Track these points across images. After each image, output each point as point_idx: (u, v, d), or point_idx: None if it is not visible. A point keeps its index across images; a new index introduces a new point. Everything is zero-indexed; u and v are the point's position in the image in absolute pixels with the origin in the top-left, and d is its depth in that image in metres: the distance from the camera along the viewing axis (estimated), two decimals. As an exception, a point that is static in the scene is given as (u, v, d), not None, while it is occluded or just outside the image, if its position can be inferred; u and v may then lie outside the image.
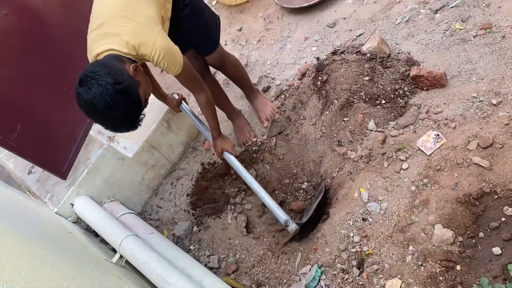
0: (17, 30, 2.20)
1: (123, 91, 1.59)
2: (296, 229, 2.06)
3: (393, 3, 2.65)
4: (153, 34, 1.72)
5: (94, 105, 1.55)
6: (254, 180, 2.21)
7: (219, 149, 2.29)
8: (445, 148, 1.89)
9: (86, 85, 1.56)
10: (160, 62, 1.76)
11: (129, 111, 1.63)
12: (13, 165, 2.85)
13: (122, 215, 2.37)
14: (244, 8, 3.52)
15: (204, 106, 2.13)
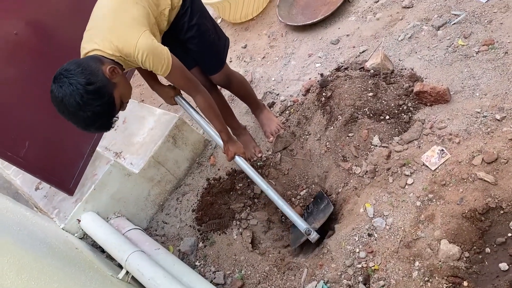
0: (27, 49, 2.24)
1: (94, 92, 1.58)
2: (318, 237, 2.06)
3: (396, 20, 2.69)
4: (137, 34, 1.71)
5: (64, 103, 1.57)
6: (270, 187, 2.18)
7: (232, 153, 2.20)
8: (449, 163, 1.90)
9: (58, 83, 1.58)
10: (145, 62, 1.73)
11: (100, 112, 1.62)
12: (20, 181, 2.88)
13: (128, 231, 2.38)
14: (248, 26, 3.57)
15: (205, 109, 2.05)
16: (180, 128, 2.71)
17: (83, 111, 1.58)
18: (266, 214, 2.42)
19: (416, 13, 2.62)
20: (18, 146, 2.18)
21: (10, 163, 2.18)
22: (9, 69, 2.16)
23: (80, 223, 2.38)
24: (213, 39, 2.18)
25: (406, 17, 2.65)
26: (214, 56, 2.24)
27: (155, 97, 3.67)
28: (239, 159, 2.22)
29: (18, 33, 2.21)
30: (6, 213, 1.87)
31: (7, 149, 2.13)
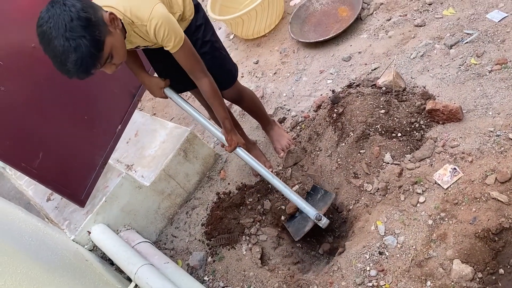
0: (43, 62, 2.28)
1: (85, 20, 1.46)
2: (329, 222, 2.04)
3: (408, 38, 2.70)
4: (154, 2, 1.66)
5: (49, 24, 1.43)
6: (275, 176, 2.16)
7: (235, 143, 2.14)
8: (462, 182, 1.88)
9: (51, 3, 1.47)
10: (159, 30, 1.66)
11: (83, 46, 1.45)
12: (32, 192, 2.90)
13: (137, 244, 2.38)
14: (260, 42, 3.61)
15: (210, 93, 1.97)
16: (191, 142, 2.73)
17: (66, 37, 1.42)
18: (275, 230, 2.41)
19: (429, 31, 2.63)
20: (32, 157, 2.20)
21: (23, 174, 2.20)
22: (24, 81, 2.20)
23: (90, 235, 2.38)
24: (225, 56, 2.20)
25: (418, 36, 2.66)
26: (226, 72, 2.25)
27: (167, 111, 3.71)
28: (241, 150, 2.17)
29: (35, 46, 2.25)
30: (18, 223, 1.89)
31: (21, 160, 2.15)
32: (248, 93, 2.48)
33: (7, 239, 1.52)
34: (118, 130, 2.61)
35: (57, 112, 2.35)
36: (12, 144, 2.13)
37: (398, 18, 2.86)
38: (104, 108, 2.56)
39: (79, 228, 2.37)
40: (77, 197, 2.41)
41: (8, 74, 2.12)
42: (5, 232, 1.63)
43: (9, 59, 2.13)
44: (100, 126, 2.52)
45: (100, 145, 2.52)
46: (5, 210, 1.96)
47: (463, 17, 2.54)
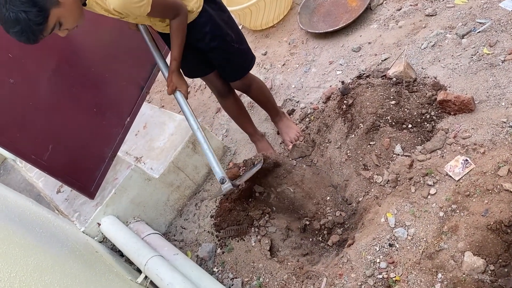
0: (51, 55, 2.29)
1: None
2: (230, 189, 2.03)
3: (419, 28, 2.66)
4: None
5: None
6: (200, 130, 2.10)
7: (174, 86, 2.09)
8: (474, 173, 1.86)
9: None
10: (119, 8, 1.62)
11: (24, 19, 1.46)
12: (42, 184, 2.92)
13: (147, 235, 2.39)
14: (269, 33, 3.58)
15: (176, 30, 1.91)
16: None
17: (6, 9, 1.44)
18: (285, 222, 2.40)
19: (440, 21, 2.59)
20: (41, 149, 2.22)
21: (33, 166, 2.22)
22: (34, 74, 2.21)
23: (100, 227, 2.40)
24: (237, 49, 2.17)
25: (429, 25, 2.62)
26: (236, 65, 2.24)
27: (175, 103, 3.70)
28: (179, 95, 2.12)
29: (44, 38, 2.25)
30: (29, 215, 1.90)
31: (31, 152, 2.17)
32: (258, 83, 2.46)
33: (18, 231, 1.54)
34: (127, 123, 2.62)
35: (66, 105, 2.36)
36: (22, 137, 2.14)
37: (409, 8, 2.82)
38: (113, 101, 2.56)
39: (89, 220, 2.38)
40: (87, 189, 2.42)
41: (17, 66, 2.13)
42: (16, 223, 1.64)
43: (18, 51, 2.14)
44: (109, 118, 2.53)
45: (109, 138, 2.53)
46: (16, 202, 1.98)
47: (476, 6, 2.49)
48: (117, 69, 2.56)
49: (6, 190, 2.25)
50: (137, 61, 2.66)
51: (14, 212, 1.80)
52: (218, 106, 3.27)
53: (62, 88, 2.34)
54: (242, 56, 2.23)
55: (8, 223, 1.57)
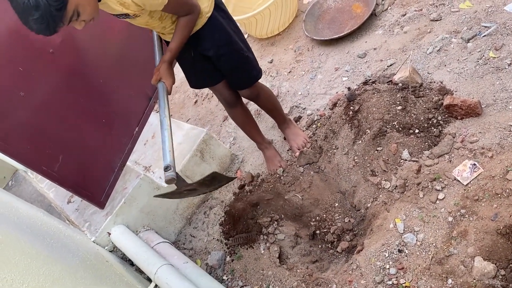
0: (61, 67, 2.32)
1: None
2: (171, 177, 1.83)
3: (424, 33, 2.66)
4: None
5: None
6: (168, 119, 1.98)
7: (159, 76, 2.02)
8: (482, 177, 1.85)
9: None
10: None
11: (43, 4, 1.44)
12: (53, 195, 2.96)
13: (157, 244, 2.40)
14: (275, 41, 3.60)
15: (182, 25, 1.91)
16: (207, 143, 2.74)
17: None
18: (293, 229, 2.41)
19: (445, 25, 2.59)
20: (52, 160, 2.25)
21: (44, 177, 2.25)
22: (44, 86, 2.24)
23: (110, 236, 2.42)
24: (246, 57, 2.18)
25: (435, 30, 2.62)
26: (245, 73, 2.24)
27: (183, 112, 3.74)
28: (161, 86, 2.02)
29: (53, 52, 2.29)
30: (41, 226, 1.93)
31: (42, 164, 2.20)
32: (265, 91, 2.47)
33: (30, 242, 1.56)
34: (135, 133, 2.64)
35: (75, 116, 2.40)
36: (33, 148, 2.18)
37: (414, 13, 2.82)
38: (121, 111, 2.59)
39: (99, 230, 2.40)
40: (97, 199, 2.45)
41: (27, 79, 2.17)
42: (28, 234, 1.67)
43: (29, 65, 2.18)
44: (118, 129, 2.55)
45: (118, 148, 2.56)
46: (27, 212, 2.00)
47: (480, 10, 2.50)
48: (125, 80, 2.60)
49: (17, 201, 2.28)
50: (144, 72, 2.68)
51: (25, 223, 1.82)
52: (225, 114, 3.29)
53: (71, 100, 2.37)
54: (250, 64, 2.23)
55: (20, 234, 1.59)
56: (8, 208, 1.83)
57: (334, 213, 2.43)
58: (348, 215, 2.36)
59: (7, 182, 3.70)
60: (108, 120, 2.52)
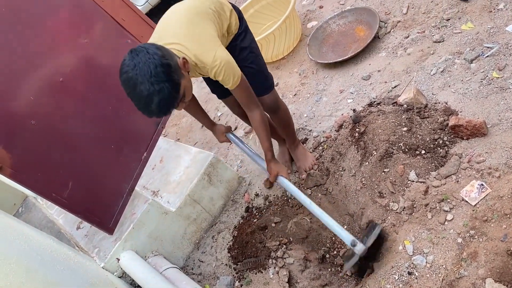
0: (71, 95, 2.38)
1: (167, 66, 1.62)
2: (363, 250, 1.95)
3: (427, 55, 2.69)
4: (216, 45, 1.84)
5: (135, 71, 1.58)
6: (313, 203, 2.16)
7: (275, 172, 2.26)
8: (490, 198, 1.85)
9: (134, 53, 1.62)
10: (220, 72, 1.83)
11: (166, 88, 1.61)
12: (62, 221, 2.98)
13: (165, 270, 2.40)
14: (280, 65, 3.66)
15: (259, 124, 2.13)
16: (215, 166, 2.76)
17: (151, 82, 1.58)
18: (302, 252, 2.40)
19: (448, 47, 2.63)
20: (62, 187, 2.27)
21: (54, 204, 2.27)
22: (54, 114, 2.29)
23: (119, 262, 2.42)
24: (263, 63, 2.29)
25: (438, 51, 2.66)
26: (264, 78, 2.30)
27: (190, 136, 3.77)
28: (283, 179, 2.26)
29: (63, 80, 2.35)
30: (50, 253, 1.94)
31: (51, 190, 2.23)
32: (284, 105, 2.52)
33: (41, 269, 1.57)
34: (143, 158, 2.67)
35: (85, 143, 2.43)
36: (43, 175, 2.21)
37: (416, 35, 2.86)
38: (130, 137, 2.63)
39: (108, 256, 2.41)
40: (106, 224, 2.46)
41: (38, 108, 2.22)
42: (38, 261, 1.68)
43: (39, 93, 2.24)
44: (127, 154, 2.59)
45: (127, 173, 2.59)
46: (38, 240, 2.02)
47: (482, 31, 2.53)
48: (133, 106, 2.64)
49: (27, 228, 2.30)
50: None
51: (35, 250, 1.83)
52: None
53: (80, 127, 2.42)
54: (266, 69, 2.31)
55: (30, 262, 1.60)
56: (18, 235, 1.85)
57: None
58: (357, 237, 2.35)
59: (17, 209, 3.73)
60: (117, 146, 2.55)
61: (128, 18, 2.71)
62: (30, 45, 2.24)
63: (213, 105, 2.70)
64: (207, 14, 1.92)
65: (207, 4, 1.96)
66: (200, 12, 1.91)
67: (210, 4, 1.97)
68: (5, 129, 2.10)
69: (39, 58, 2.27)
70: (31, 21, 2.25)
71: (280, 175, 2.27)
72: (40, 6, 2.30)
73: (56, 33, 2.36)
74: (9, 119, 2.13)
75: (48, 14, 2.33)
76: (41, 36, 2.28)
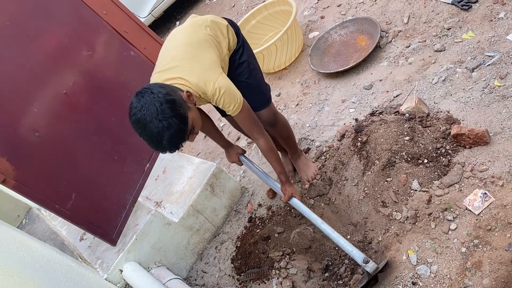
0: (74, 107, 2.40)
1: (172, 102, 1.68)
2: (375, 268, 1.93)
3: (429, 64, 2.70)
4: (216, 73, 1.88)
5: (142, 112, 1.66)
6: (324, 222, 2.18)
7: (290, 193, 2.30)
8: (494, 207, 1.84)
9: (140, 95, 1.70)
10: (220, 98, 1.87)
11: (174, 123, 1.68)
12: (66, 232, 2.98)
13: (168, 281, 2.39)
14: (282, 75, 3.67)
15: (266, 150, 2.18)
16: (217, 177, 2.77)
17: (159, 119, 1.65)
18: (306, 263, 2.38)
19: (449, 56, 2.63)
20: (65, 199, 2.29)
21: (57, 215, 2.28)
22: (58, 126, 2.31)
23: (122, 273, 2.42)
24: (260, 77, 2.30)
25: (439, 60, 2.66)
26: (262, 92, 2.31)
27: (193, 146, 3.78)
28: (296, 200, 2.30)
29: (67, 93, 2.37)
30: (53, 265, 1.94)
31: (55, 202, 2.24)
32: (282, 118, 2.52)
33: (44, 281, 1.57)
34: (146, 169, 2.68)
35: (88, 154, 2.45)
36: (46, 187, 2.22)
37: (418, 45, 2.87)
38: (133, 148, 2.64)
39: (111, 267, 2.41)
40: (109, 236, 2.46)
41: (42, 120, 2.24)
42: (41, 273, 1.68)
43: (43, 106, 2.26)
44: (130, 165, 2.60)
45: (130, 184, 2.60)
46: (41, 251, 2.02)
47: (483, 40, 2.54)
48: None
49: (31, 239, 2.30)
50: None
51: (39, 262, 1.84)
52: (235, 148, 3.32)
53: (84, 138, 2.43)
54: (262, 84, 2.33)
55: (34, 273, 1.61)
56: (22, 247, 1.86)
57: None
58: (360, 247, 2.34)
59: (21, 220, 3.74)
60: (120, 157, 2.56)
61: (131, 30, 2.74)
62: (34, 58, 2.27)
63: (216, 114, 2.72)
64: (205, 41, 1.96)
65: (203, 31, 2.00)
66: (198, 40, 1.96)
67: (206, 29, 2.01)
68: (9, 141, 2.12)
69: (43, 70, 2.30)
70: (34, 34, 2.28)
71: (293, 196, 2.31)
72: (43, 19, 2.33)
73: (60, 46, 2.39)
74: (13, 131, 2.15)
75: (51, 27, 2.36)
76: (45, 48, 2.31)
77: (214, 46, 1.98)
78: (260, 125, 2.13)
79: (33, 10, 2.30)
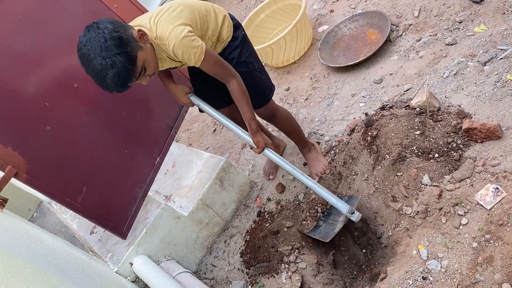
0: (85, 100, 2.40)
1: (118, 39, 1.61)
2: (360, 217, 1.96)
3: (440, 58, 2.68)
4: (176, 22, 1.79)
5: (87, 47, 1.60)
6: (304, 174, 2.11)
7: (262, 144, 2.14)
8: (506, 201, 1.82)
9: (87, 29, 1.64)
10: (177, 51, 1.77)
11: (119, 62, 1.61)
12: (76, 226, 3.01)
13: (178, 274, 2.41)
14: (291, 69, 3.66)
15: (239, 94, 2.01)
16: (226, 171, 2.77)
17: (102, 57, 1.59)
18: (315, 257, 2.39)
19: (460, 49, 2.61)
20: (76, 192, 2.30)
21: (68, 209, 2.30)
22: (69, 120, 2.32)
23: (132, 267, 2.44)
24: (259, 77, 2.26)
25: (450, 54, 2.64)
26: (258, 94, 2.28)
27: (202, 141, 3.79)
28: (268, 151, 2.16)
29: (78, 86, 2.38)
30: (65, 257, 1.96)
31: (66, 195, 2.25)
32: (282, 112, 2.50)
33: (55, 274, 1.59)
34: (157, 163, 2.69)
35: (99, 148, 2.46)
36: (57, 181, 2.23)
37: (428, 38, 2.84)
38: (143, 142, 2.65)
39: (122, 260, 2.43)
40: (119, 229, 2.48)
41: (53, 114, 2.25)
42: (53, 266, 1.70)
43: (54, 99, 2.26)
44: (140, 159, 2.61)
45: (140, 178, 2.60)
46: (53, 244, 2.04)
47: (496, 33, 2.50)
48: (147, 111, 2.67)
49: (43, 233, 2.33)
50: (165, 103, 2.76)
51: (50, 255, 1.85)
52: (243, 142, 3.33)
53: (95, 132, 2.44)
54: (263, 85, 2.30)
55: (46, 266, 1.62)
56: (34, 240, 1.87)
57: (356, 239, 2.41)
58: (369, 243, 2.33)
59: (32, 214, 3.78)
60: (131, 151, 2.57)
61: (141, 24, 2.74)
62: (45, 52, 2.27)
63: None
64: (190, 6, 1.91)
65: (200, 4, 1.98)
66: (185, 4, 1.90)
67: (202, 5, 1.99)
68: (21, 135, 2.14)
69: (54, 64, 2.30)
70: (46, 28, 2.29)
71: (266, 147, 2.16)
72: (55, 13, 2.34)
73: (71, 40, 2.39)
74: (25, 125, 2.16)
75: (63, 21, 2.36)
76: (56, 42, 2.32)
77: (198, 16, 1.92)
78: (230, 67, 1.98)
79: (44, 4, 2.30)
